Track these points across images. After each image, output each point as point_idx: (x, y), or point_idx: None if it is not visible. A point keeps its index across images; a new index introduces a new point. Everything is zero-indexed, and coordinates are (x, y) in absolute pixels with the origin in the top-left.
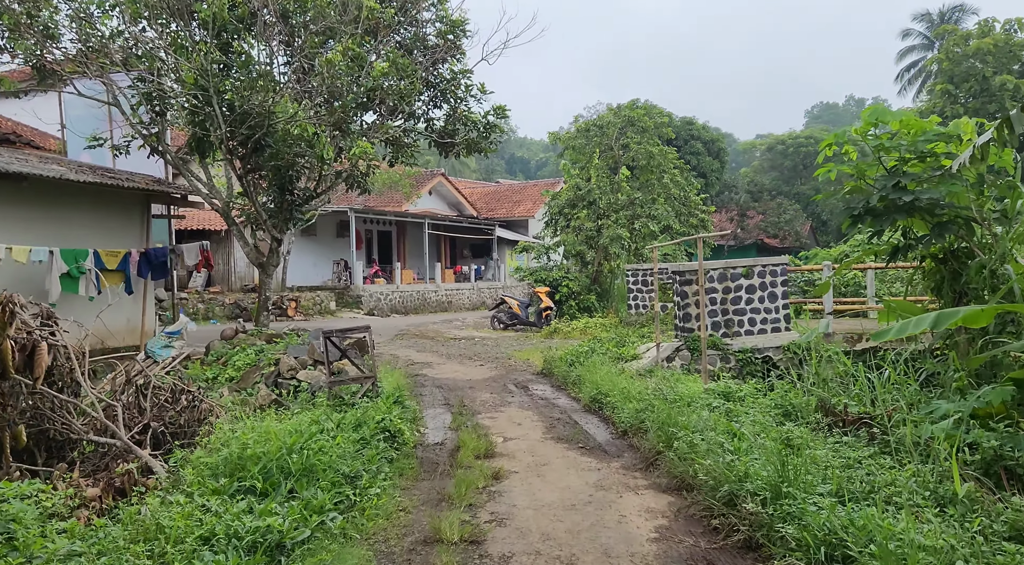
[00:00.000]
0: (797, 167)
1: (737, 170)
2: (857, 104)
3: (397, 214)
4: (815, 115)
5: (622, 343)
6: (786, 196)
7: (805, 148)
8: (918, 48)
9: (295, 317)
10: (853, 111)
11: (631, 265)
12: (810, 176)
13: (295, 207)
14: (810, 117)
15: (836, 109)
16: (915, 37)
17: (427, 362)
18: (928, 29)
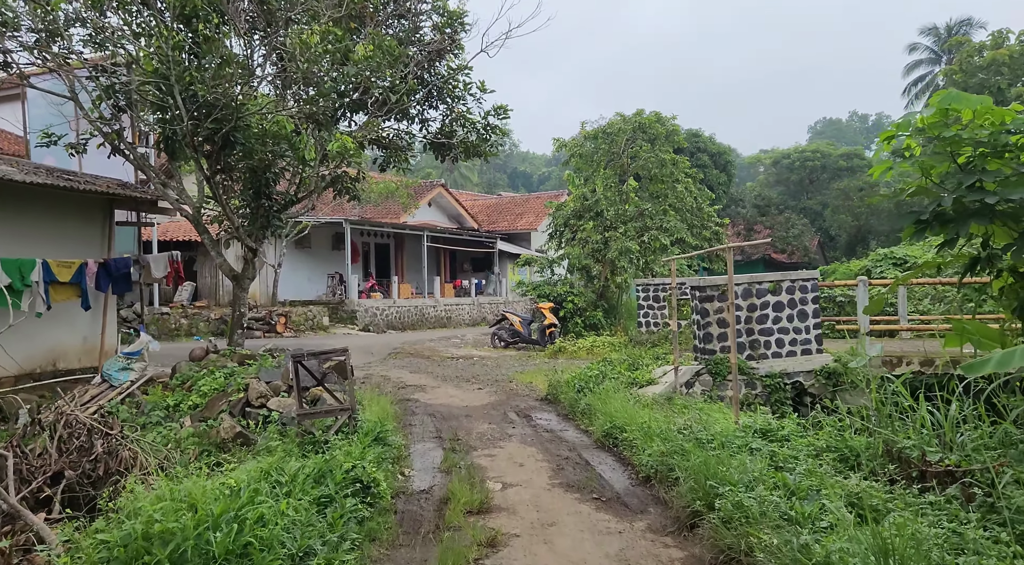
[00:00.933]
0: (803, 181)
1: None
2: (860, 120)
3: (395, 226)
4: (818, 131)
5: (635, 366)
6: (793, 211)
7: (812, 162)
8: (925, 62)
9: (284, 333)
10: (856, 127)
11: (641, 280)
12: (817, 191)
13: (273, 214)
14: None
15: (839, 125)
16: (922, 51)
17: (420, 385)
18: (935, 43)
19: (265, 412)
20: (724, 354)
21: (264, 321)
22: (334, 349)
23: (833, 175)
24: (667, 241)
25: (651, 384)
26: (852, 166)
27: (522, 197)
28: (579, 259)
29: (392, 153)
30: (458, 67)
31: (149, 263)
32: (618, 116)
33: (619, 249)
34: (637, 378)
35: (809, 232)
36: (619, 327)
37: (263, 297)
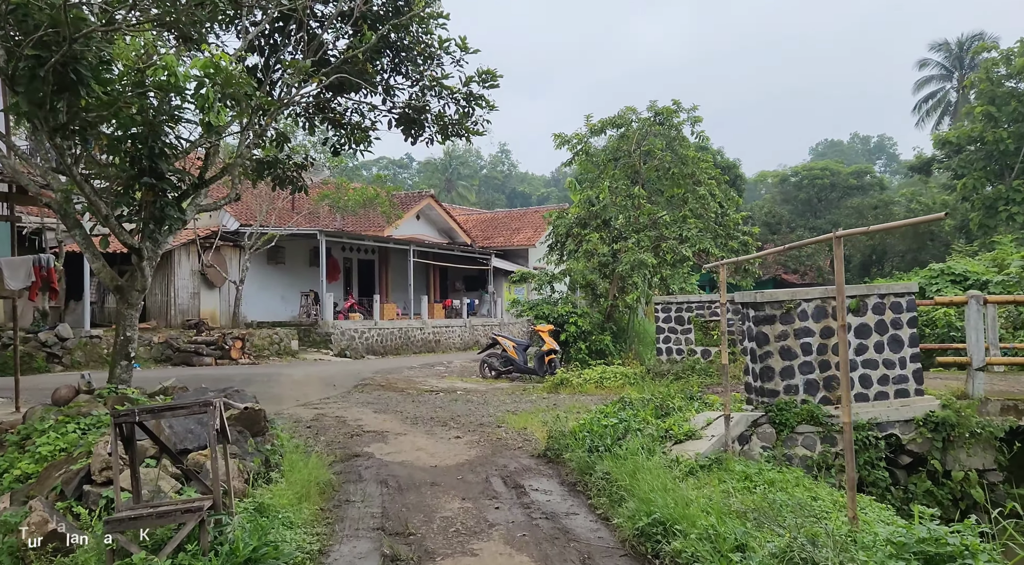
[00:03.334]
0: (811, 200)
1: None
2: (862, 141)
3: (377, 239)
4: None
5: (664, 409)
6: (802, 230)
7: (821, 180)
8: (937, 78)
9: (240, 360)
10: (859, 148)
11: (661, 298)
12: (826, 209)
13: (167, 202)
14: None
15: (841, 146)
16: (933, 67)
17: (382, 431)
18: (946, 59)
19: (112, 493)
20: (791, 396)
21: (216, 345)
22: (218, 391)
23: (843, 193)
24: (688, 252)
25: (691, 438)
26: (863, 184)
27: (519, 211)
28: (583, 275)
29: (349, 133)
30: (429, 15)
31: (1, 268)
32: (628, 110)
33: (631, 262)
34: (672, 430)
35: (823, 251)
36: (631, 354)
37: (224, 317)
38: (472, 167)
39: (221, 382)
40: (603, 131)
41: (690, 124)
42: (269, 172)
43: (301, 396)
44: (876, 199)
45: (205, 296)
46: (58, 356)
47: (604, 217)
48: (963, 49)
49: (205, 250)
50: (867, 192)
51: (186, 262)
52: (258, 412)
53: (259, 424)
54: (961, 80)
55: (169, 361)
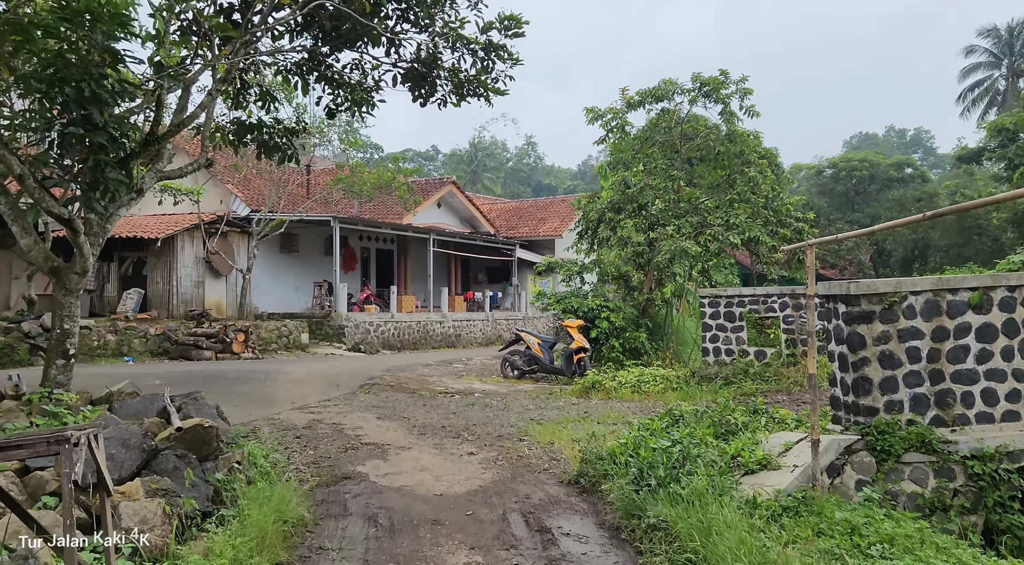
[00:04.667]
0: (849, 193)
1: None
2: (898, 135)
3: (395, 227)
4: (854, 145)
5: (725, 425)
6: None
7: (860, 172)
8: (984, 66)
9: (244, 354)
10: (894, 142)
11: (708, 291)
12: (865, 202)
13: (106, 162)
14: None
15: (876, 139)
16: (980, 54)
17: (382, 444)
18: (995, 46)
19: None
20: (894, 415)
21: (217, 338)
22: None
23: (883, 185)
24: (736, 240)
25: (766, 467)
26: (904, 177)
27: (545, 200)
28: (615, 265)
29: (349, 92)
30: None
31: None
32: (666, 83)
33: (671, 251)
34: (741, 456)
35: (864, 245)
36: (668, 354)
37: (231, 308)
38: (498, 159)
39: (211, 381)
40: (641, 105)
41: (739, 97)
42: (253, 137)
43: (298, 398)
44: (919, 191)
45: (210, 285)
46: (42, 348)
47: (640, 201)
48: (1013, 35)
49: (210, 236)
50: (908, 184)
51: (190, 248)
52: (208, 431)
53: (210, 446)
54: (1011, 67)
55: (166, 355)
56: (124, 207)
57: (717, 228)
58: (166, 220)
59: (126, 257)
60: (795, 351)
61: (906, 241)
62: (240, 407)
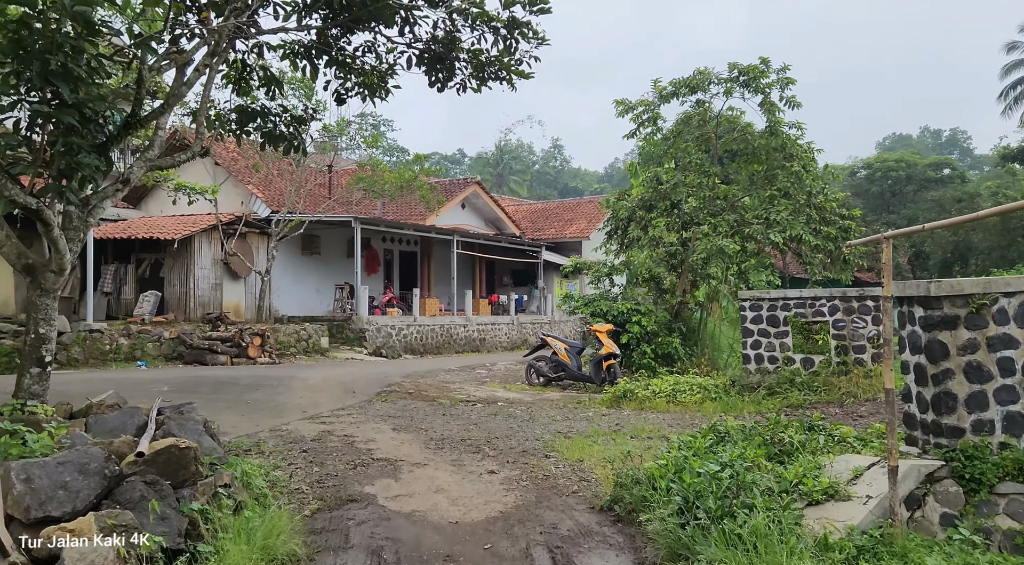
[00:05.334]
0: (884, 194)
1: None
2: (933, 135)
3: (417, 228)
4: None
5: (778, 444)
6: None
7: (896, 173)
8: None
9: (260, 359)
10: (929, 143)
11: (749, 293)
12: (901, 203)
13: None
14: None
15: (910, 140)
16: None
17: (395, 460)
18: None
19: None
20: (983, 437)
21: (232, 342)
22: None
23: (920, 186)
24: (778, 239)
25: (833, 498)
26: (942, 177)
27: (572, 201)
28: (645, 266)
29: (362, 76)
30: None
31: None
32: (700, 73)
33: (707, 251)
34: (805, 485)
35: (902, 247)
36: (703, 360)
37: (250, 311)
38: (524, 162)
39: (221, 388)
40: (675, 96)
41: (779, 87)
42: (256, 125)
43: (310, 406)
44: (960, 192)
45: (229, 287)
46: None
47: (673, 199)
48: None
49: (228, 237)
50: (947, 185)
51: (207, 250)
52: (183, 453)
53: (187, 470)
54: None
55: (181, 359)
56: (108, 199)
57: (756, 226)
58: (183, 221)
59: (143, 258)
60: (847, 359)
61: (946, 243)
62: (247, 416)
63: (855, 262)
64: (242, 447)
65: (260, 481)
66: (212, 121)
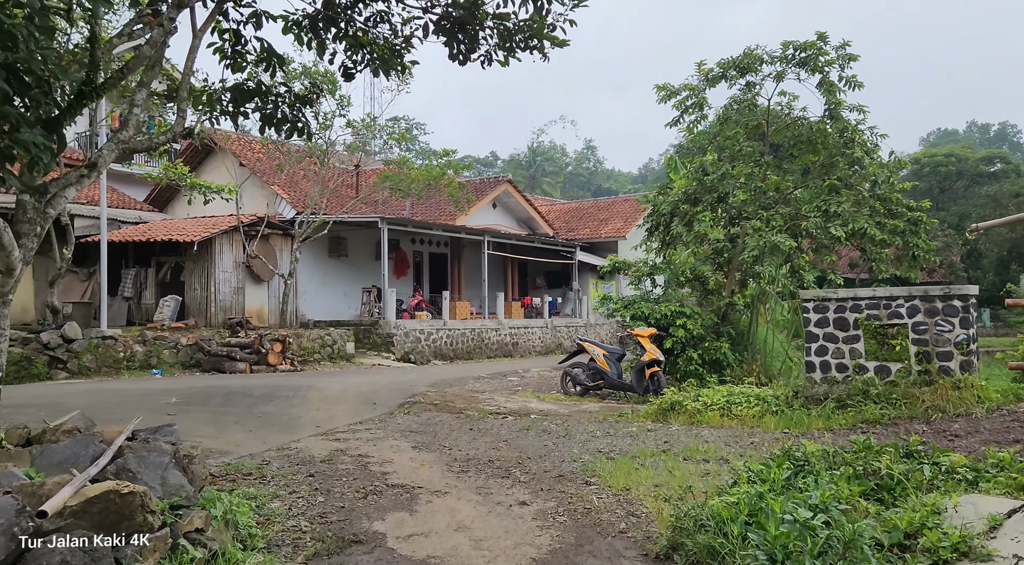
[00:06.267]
0: (932, 190)
1: None
2: (980, 130)
3: (446, 228)
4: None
5: (874, 476)
6: None
7: (945, 168)
8: None
9: (280, 366)
10: (976, 138)
11: (813, 293)
12: (950, 200)
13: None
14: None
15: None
16: None
17: (412, 487)
18: None
19: None
20: None
21: (252, 349)
22: None
23: (971, 181)
24: (840, 233)
25: (967, 557)
26: (995, 172)
27: (607, 200)
28: (689, 265)
29: (376, 51)
30: None
31: None
32: (749, 55)
33: (760, 247)
34: (928, 538)
35: (956, 245)
36: (755, 367)
37: (273, 316)
38: (557, 163)
39: (231, 399)
40: (722, 78)
41: (839, 66)
42: (254, 105)
43: (325, 420)
44: (1017, 186)
45: (251, 291)
46: (62, 360)
47: (720, 191)
48: None
49: (250, 239)
50: (1000, 180)
51: (228, 252)
52: (126, 499)
53: (132, 521)
54: None
55: (198, 367)
56: (72, 187)
57: (814, 219)
58: (204, 222)
59: (164, 262)
60: (930, 367)
61: (1002, 241)
62: (255, 433)
63: (924, 258)
64: (242, 471)
65: (248, 518)
66: (200, 98)
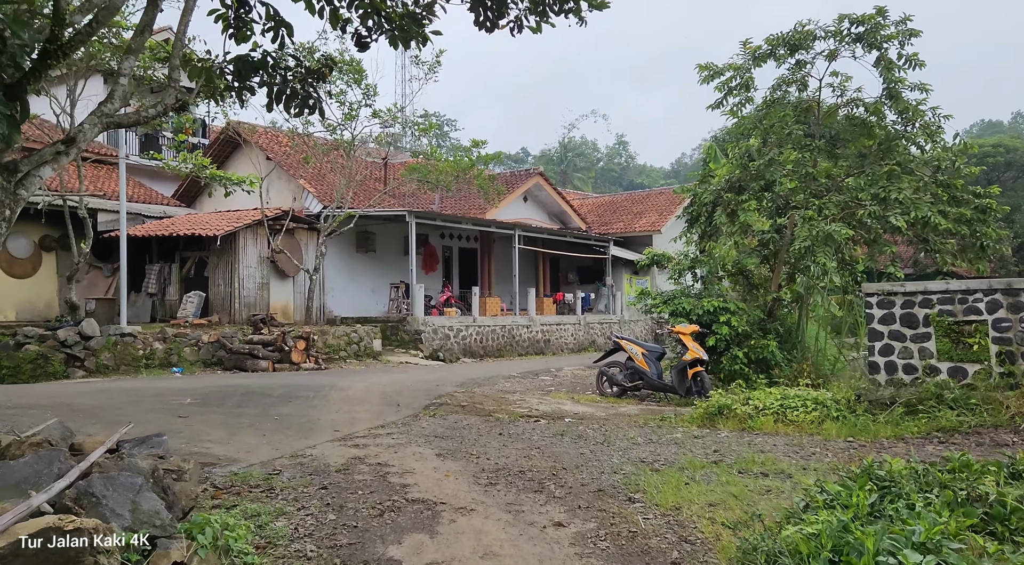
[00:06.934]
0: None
1: None
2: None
3: (476, 222)
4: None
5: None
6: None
7: (992, 159)
8: None
9: (304, 364)
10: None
11: (877, 286)
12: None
13: None
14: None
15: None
16: None
17: (434, 503)
18: None
19: None
20: None
21: (274, 346)
22: None
23: (1020, 172)
24: (900, 222)
25: None
26: None
27: (641, 193)
28: (729, 259)
29: (391, 17)
30: None
31: None
32: (800, 30)
33: (812, 237)
34: None
35: (1007, 238)
36: (805, 366)
37: (299, 312)
38: (588, 159)
39: (249, 400)
40: (770, 57)
41: (898, 42)
42: (261, 80)
43: (346, 423)
44: None
45: (276, 287)
46: (79, 358)
47: (768, 178)
48: None
49: (275, 233)
50: None
51: (253, 247)
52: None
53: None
54: None
55: (220, 365)
56: (47, 165)
57: (871, 207)
58: (228, 217)
59: (187, 257)
60: (1015, 369)
61: None
62: (268, 438)
63: (994, 249)
64: (248, 482)
65: (244, 543)
66: (196, 67)
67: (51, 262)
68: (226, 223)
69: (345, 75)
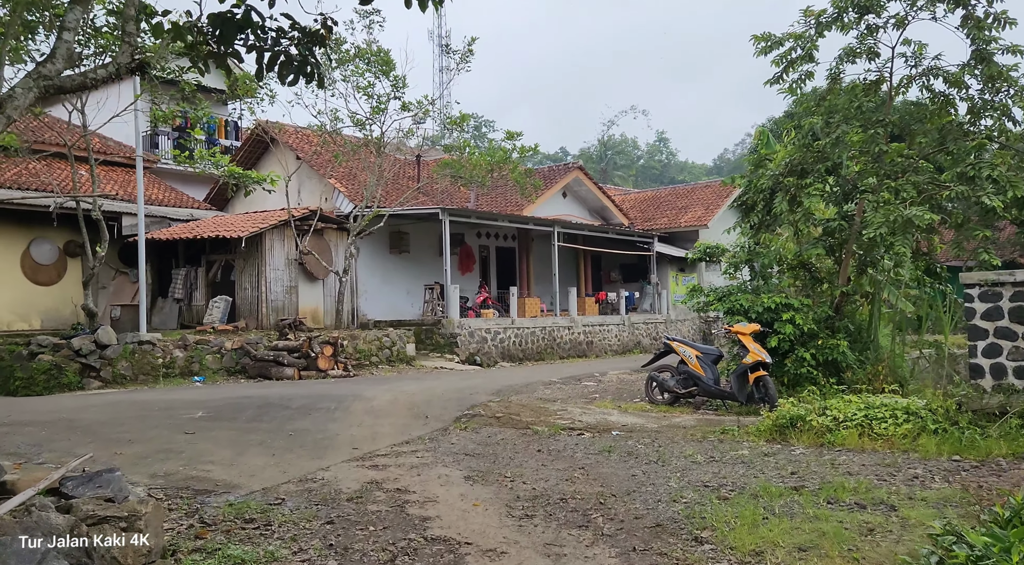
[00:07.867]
0: None
1: None
2: None
3: (512, 219)
4: None
5: None
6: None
7: None
8: None
9: (332, 371)
10: None
11: (979, 276)
12: None
13: None
14: None
15: None
16: None
17: (457, 542)
18: None
19: None
20: None
21: (300, 353)
22: None
23: None
24: (996, 203)
25: None
26: None
27: (685, 187)
28: (789, 250)
29: None
30: None
31: None
32: None
33: (889, 223)
34: None
35: None
36: (881, 369)
37: (329, 316)
38: (628, 156)
39: (266, 412)
40: (836, 23)
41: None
42: (247, 43)
43: (366, 439)
44: None
45: (305, 290)
46: (95, 368)
47: (834, 159)
48: None
49: (302, 234)
50: None
51: (280, 249)
52: None
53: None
54: None
55: (244, 373)
56: None
57: (958, 187)
58: (254, 218)
59: (214, 261)
60: None
61: None
62: (278, 457)
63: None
64: (244, 515)
65: None
66: (172, 29)
67: (76, 268)
68: (251, 224)
69: (373, 67)
